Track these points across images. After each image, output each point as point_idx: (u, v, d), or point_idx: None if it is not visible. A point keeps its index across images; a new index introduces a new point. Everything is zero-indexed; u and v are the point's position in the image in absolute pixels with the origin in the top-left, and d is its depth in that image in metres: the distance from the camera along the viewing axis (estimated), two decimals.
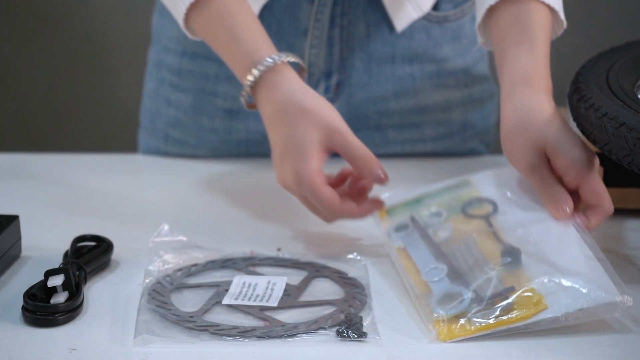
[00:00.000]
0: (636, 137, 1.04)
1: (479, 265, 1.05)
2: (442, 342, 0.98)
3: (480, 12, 1.21)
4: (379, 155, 1.12)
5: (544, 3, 1.18)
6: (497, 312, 0.99)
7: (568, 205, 1.08)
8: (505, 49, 1.17)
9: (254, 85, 1.16)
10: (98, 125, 2.73)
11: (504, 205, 1.13)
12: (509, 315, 0.99)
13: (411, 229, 1.14)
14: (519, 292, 1.01)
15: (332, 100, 1.40)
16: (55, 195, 1.34)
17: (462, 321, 0.99)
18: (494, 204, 1.13)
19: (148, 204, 1.32)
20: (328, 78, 1.40)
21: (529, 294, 1.00)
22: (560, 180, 1.10)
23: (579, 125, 1.14)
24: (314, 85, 1.39)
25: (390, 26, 1.39)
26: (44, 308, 1.01)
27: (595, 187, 1.09)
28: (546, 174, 1.10)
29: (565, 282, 1.01)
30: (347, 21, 1.38)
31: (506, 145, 1.13)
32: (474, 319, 0.99)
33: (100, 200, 1.33)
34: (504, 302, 1.00)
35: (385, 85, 1.42)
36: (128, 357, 0.96)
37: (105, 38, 2.65)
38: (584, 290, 1.00)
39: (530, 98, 1.13)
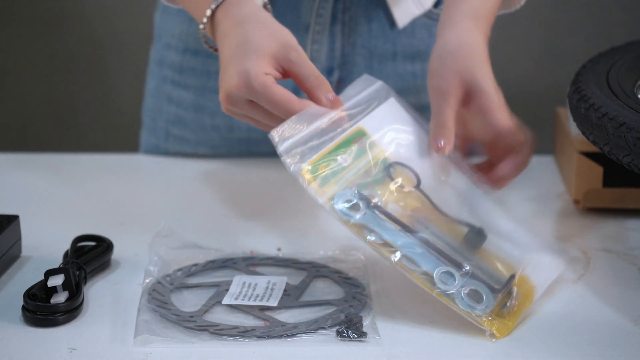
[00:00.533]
0: (636, 137, 1.04)
1: (458, 252, 1.05)
2: (492, 339, 0.99)
3: None
4: None
5: None
6: (513, 301, 1.03)
7: (446, 140, 1.10)
8: None
9: (214, 12, 1.11)
10: (98, 125, 2.73)
11: (419, 168, 1.11)
12: (519, 301, 1.03)
13: (363, 205, 1.05)
14: (516, 279, 1.05)
15: None
16: (55, 195, 1.34)
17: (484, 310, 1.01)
18: (411, 170, 1.11)
19: (148, 204, 1.32)
20: (329, 74, 1.40)
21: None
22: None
23: (579, 125, 1.14)
24: None
25: (392, 23, 1.39)
26: (44, 308, 1.01)
27: (512, 139, 1.12)
28: (451, 103, 1.11)
29: (533, 260, 1.07)
30: (349, 17, 1.38)
31: (441, 63, 1.13)
32: (505, 311, 1.01)
33: (100, 200, 1.33)
34: (514, 290, 1.03)
35: (386, 82, 1.42)
36: (128, 357, 0.96)
37: (105, 38, 2.65)
38: (548, 263, 1.09)
39: (477, 35, 1.14)
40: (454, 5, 1.18)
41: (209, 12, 1.12)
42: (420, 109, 1.44)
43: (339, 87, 1.41)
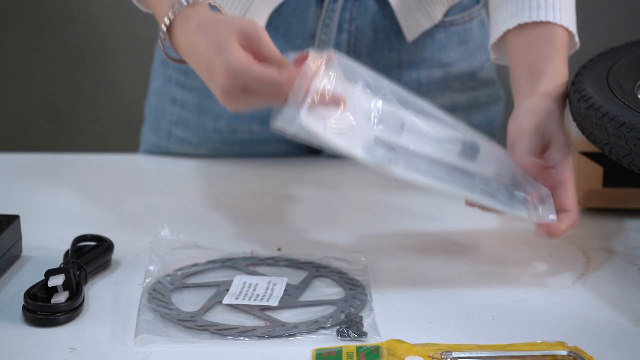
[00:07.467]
0: (636, 137, 1.04)
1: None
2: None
3: (496, 32, 1.23)
4: None
5: (562, 26, 1.21)
6: None
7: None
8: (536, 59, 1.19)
9: (171, 23, 1.09)
10: (98, 125, 2.73)
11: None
12: None
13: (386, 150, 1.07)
14: None
15: None
16: (55, 195, 1.34)
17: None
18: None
19: (148, 204, 1.32)
20: None
21: None
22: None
23: (579, 125, 1.14)
24: None
25: (397, 33, 1.38)
26: (45, 308, 1.01)
27: (572, 192, 1.12)
28: (537, 164, 1.12)
29: None
30: (355, 27, 1.37)
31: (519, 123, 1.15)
32: None
33: (100, 200, 1.33)
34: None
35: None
36: (128, 357, 0.96)
37: (106, 37, 2.65)
38: None
39: (549, 102, 1.16)
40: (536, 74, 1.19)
41: (162, 32, 1.09)
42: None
43: None
